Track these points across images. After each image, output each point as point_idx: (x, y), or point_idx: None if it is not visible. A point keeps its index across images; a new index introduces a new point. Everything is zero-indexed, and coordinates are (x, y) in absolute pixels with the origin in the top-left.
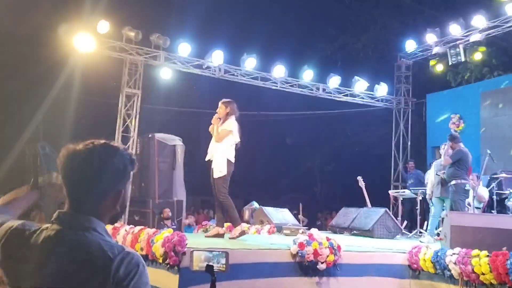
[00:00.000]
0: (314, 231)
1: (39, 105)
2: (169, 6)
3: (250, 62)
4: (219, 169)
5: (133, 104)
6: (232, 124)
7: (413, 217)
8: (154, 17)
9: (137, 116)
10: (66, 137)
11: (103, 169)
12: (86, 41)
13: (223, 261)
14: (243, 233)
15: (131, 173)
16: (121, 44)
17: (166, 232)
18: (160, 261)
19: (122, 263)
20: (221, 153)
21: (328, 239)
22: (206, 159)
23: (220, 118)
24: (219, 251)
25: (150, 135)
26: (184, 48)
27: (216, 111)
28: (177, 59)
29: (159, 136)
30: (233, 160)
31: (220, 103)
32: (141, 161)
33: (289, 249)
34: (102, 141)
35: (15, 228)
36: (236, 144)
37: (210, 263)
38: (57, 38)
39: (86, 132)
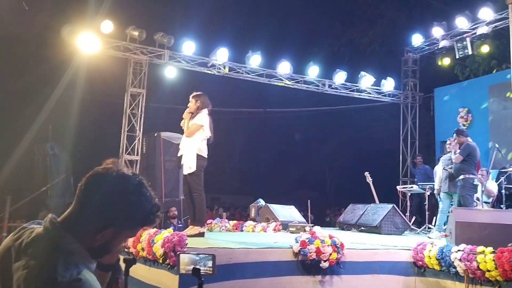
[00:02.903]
0: (316, 229)
1: (44, 106)
2: (173, 5)
3: (255, 59)
4: (189, 165)
5: (138, 103)
6: (203, 119)
7: (422, 212)
8: (158, 16)
9: (142, 115)
10: (72, 137)
11: (111, 197)
12: (90, 41)
13: (209, 264)
14: (200, 235)
15: (137, 229)
16: (125, 44)
17: (166, 232)
18: (161, 261)
19: None
20: (191, 148)
21: (331, 237)
22: (178, 154)
23: (192, 113)
24: (205, 254)
25: (155, 134)
26: (189, 47)
27: (188, 105)
28: (182, 58)
29: (164, 135)
30: (205, 155)
31: (190, 97)
32: (147, 160)
33: (291, 248)
34: (139, 179)
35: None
36: (208, 139)
37: (197, 266)
38: (61, 39)
39: (92, 132)
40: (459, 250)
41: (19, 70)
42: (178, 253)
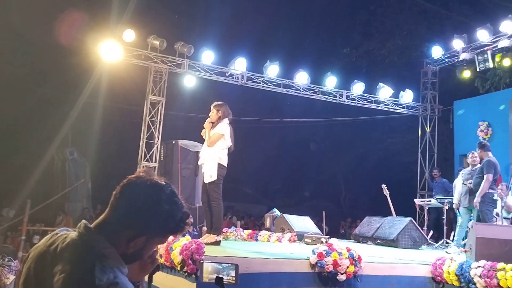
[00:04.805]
0: (334, 241)
1: (67, 112)
2: (193, 15)
3: (272, 69)
4: (209, 174)
5: (157, 111)
6: (224, 128)
7: (439, 227)
8: (178, 26)
9: (161, 122)
10: (92, 143)
11: (145, 206)
12: (112, 50)
13: (232, 273)
14: (217, 243)
15: (168, 236)
16: (146, 53)
17: (184, 240)
18: (178, 268)
19: None
20: (213, 157)
21: (348, 249)
22: (199, 163)
23: (212, 122)
24: (228, 263)
25: (173, 142)
26: (208, 56)
27: (209, 115)
28: (201, 67)
29: (182, 142)
30: (225, 163)
31: (211, 107)
32: (165, 167)
33: (308, 259)
34: (171, 188)
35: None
36: (228, 148)
37: (220, 275)
38: (85, 47)
39: (111, 139)
40: (479, 266)
41: (44, 78)
42: (201, 261)
